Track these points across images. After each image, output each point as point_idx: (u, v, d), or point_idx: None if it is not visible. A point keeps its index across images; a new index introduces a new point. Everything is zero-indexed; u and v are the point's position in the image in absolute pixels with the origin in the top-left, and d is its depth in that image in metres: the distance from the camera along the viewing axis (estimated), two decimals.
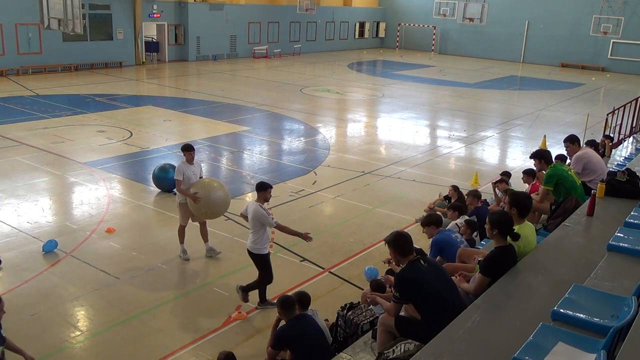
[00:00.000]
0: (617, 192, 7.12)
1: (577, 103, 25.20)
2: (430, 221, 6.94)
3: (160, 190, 11.61)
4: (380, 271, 8.01)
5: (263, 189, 7.29)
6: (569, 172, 7.61)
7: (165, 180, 11.31)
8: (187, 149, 8.70)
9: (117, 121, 17.71)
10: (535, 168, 8.49)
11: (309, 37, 41.45)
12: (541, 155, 8.04)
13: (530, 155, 8.36)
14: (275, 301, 7.02)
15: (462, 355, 3.85)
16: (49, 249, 8.79)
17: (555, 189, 7.45)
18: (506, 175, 9.91)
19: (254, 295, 7.47)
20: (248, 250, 7.38)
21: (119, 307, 7.42)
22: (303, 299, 5.81)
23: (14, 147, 14.40)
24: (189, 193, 8.44)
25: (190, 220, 8.86)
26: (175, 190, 9.20)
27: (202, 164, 13.68)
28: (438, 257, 6.60)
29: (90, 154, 14.13)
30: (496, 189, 9.86)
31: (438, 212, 9.60)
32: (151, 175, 11.86)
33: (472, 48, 43.26)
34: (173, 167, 10.80)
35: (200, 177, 8.79)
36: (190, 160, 8.65)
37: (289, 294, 6.17)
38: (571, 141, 8.77)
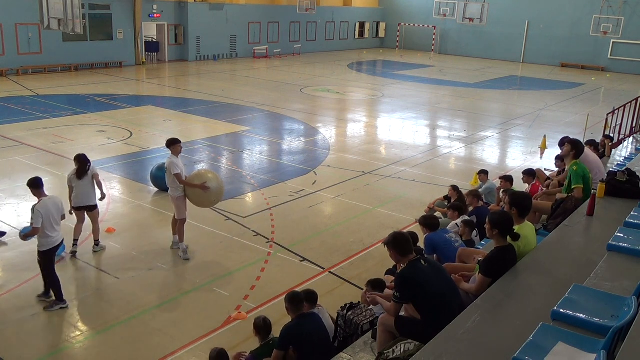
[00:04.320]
0: (617, 192, 7.12)
1: (577, 103, 25.20)
2: (425, 223, 6.98)
3: (158, 190, 11.60)
4: (380, 272, 8.00)
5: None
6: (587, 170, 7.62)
7: (164, 179, 11.28)
8: (177, 142, 8.85)
9: (117, 121, 17.71)
10: (561, 152, 8.26)
11: (309, 37, 41.45)
12: (576, 145, 7.56)
13: (563, 138, 8.10)
14: None
15: (462, 355, 3.85)
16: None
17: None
18: (508, 180, 9.85)
19: (253, 295, 7.45)
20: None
21: (119, 307, 7.41)
22: (311, 296, 5.79)
23: (14, 147, 14.40)
24: (197, 184, 8.63)
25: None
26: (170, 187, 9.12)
27: (203, 164, 13.80)
28: (435, 256, 6.60)
29: (90, 154, 13.80)
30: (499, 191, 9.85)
31: (438, 213, 9.63)
32: (149, 175, 11.83)
33: (472, 48, 43.26)
34: None
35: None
36: (178, 153, 8.82)
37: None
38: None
